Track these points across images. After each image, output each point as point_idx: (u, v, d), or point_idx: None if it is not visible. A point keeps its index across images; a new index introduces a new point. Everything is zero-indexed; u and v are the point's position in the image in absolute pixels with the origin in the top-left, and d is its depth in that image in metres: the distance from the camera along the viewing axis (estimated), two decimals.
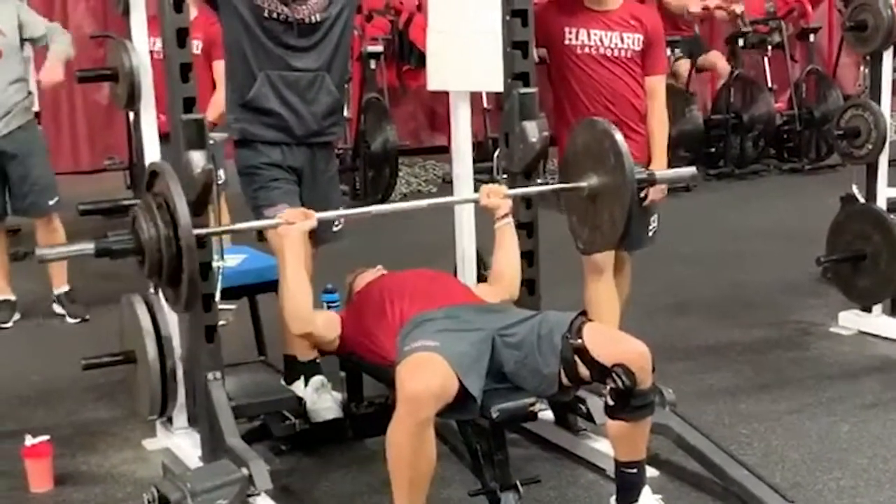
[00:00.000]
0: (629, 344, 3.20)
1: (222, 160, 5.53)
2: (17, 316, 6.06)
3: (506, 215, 3.78)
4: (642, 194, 4.48)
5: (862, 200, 5.39)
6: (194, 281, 3.21)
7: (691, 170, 4.04)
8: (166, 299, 3.45)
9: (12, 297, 6.08)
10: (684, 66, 9.68)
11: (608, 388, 3.15)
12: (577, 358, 3.19)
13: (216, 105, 5.82)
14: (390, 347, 3.37)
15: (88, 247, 3.27)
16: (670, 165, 4.59)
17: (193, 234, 3.16)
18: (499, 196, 3.75)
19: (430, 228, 4.82)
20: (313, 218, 3.50)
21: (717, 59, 10.01)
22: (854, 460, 3.94)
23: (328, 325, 3.65)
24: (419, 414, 2.99)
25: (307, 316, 3.55)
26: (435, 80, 4.27)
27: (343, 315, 3.73)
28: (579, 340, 3.19)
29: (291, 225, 3.47)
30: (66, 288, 6.12)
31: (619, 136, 3.50)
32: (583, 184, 3.62)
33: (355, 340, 3.61)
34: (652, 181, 3.73)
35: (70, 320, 5.99)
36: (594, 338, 3.20)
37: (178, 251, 3.17)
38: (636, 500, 3.35)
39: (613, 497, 3.42)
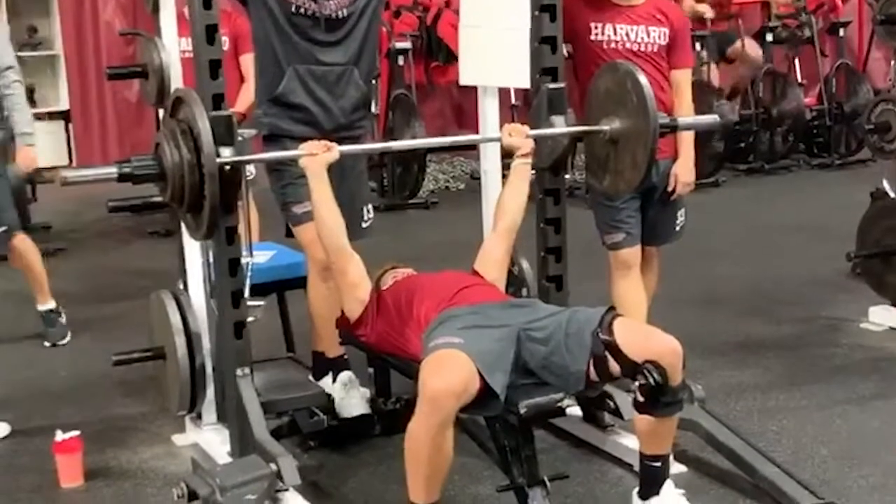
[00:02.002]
0: (661, 340, 3.18)
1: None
2: (66, 326, 5.71)
3: (526, 155, 3.78)
4: (670, 189, 4.48)
5: (893, 195, 5.35)
6: (216, 209, 3.20)
7: (713, 117, 4.04)
8: (186, 227, 3.44)
9: (54, 305, 5.68)
10: (714, 71, 9.60)
11: (637, 384, 3.13)
12: (607, 354, 3.18)
13: (246, 96, 5.85)
14: (418, 344, 3.36)
15: (111, 170, 3.27)
16: (698, 161, 4.57)
17: (217, 161, 3.17)
18: (521, 135, 3.76)
19: (458, 227, 4.82)
20: (335, 150, 3.55)
21: (751, 48, 9.83)
22: (885, 457, 3.91)
23: (362, 272, 3.68)
24: (440, 412, 2.98)
25: (342, 244, 3.61)
26: (466, 75, 4.27)
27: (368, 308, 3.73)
28: (610, 336, 3.17)
29: (314, 156, 3.52)
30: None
31: (642, 78, 3.51)
32: (604, 127, 3.62)
33: (382, 337, 3.61)
34: (674, 126, 3.73)
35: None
36: (625, 333, 3.18)
37: (201, 178, 3.17)
38: (657, 493, 3.35)
39: (636, 489, 3.42)
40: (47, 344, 5.60)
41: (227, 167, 3.29)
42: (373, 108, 5.33)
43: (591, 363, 3.21)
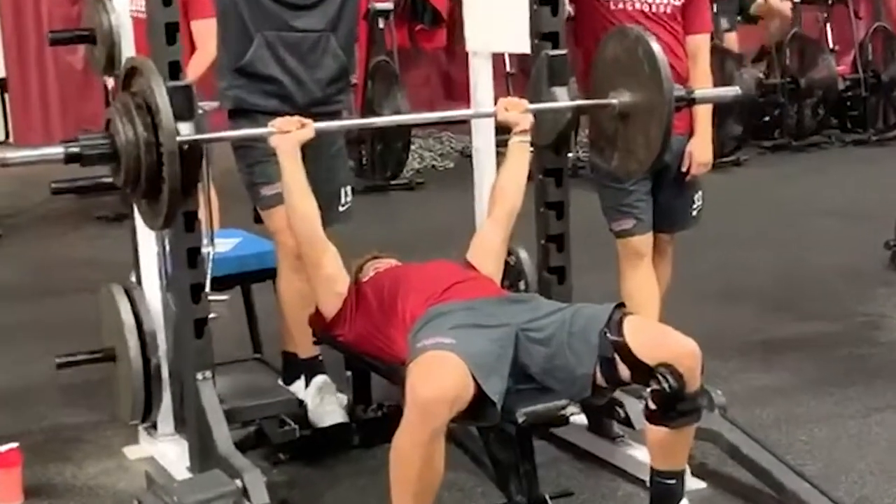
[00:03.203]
0: (677, 341, 3.19)
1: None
2: None
3: (523, 131, 3.78)
4: (684, 169, 4.48)
5: None
6: (176, 193, 3.18)
7: (734, 89, 4.03)
8: (142, 214, 3.42)
9: None
10: (733, 38, 9.60)
11: (650, 390, 3.14)
12: (617, 357, 3.18)
13: (195, 68, 5.82)
14: (403, 344, 3.36)
15: (57, 150, 3.24)
16: (716, 138, 4.57)
17: (177, 140, 3.16)
18: (518, 109, 3.76)
19: (448, 211, 4.82)
20: (309, 127, 3.53)
21: (780, 4, 9.74)
22: None
23: (339, 263, 3.67)
24: (431, 422, 2.98)
25: (317, 232, 3.60)
26: (471, 39, 4.28)
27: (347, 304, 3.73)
28: (620, 336, 3.17)
29: (287, 134, 3.50)
30: None
31: (655, 45, 3.50)
32: (612, 101, 3.62)
33: (362, 336, 3.60)
34: (691, 99, 3.72)
35: None
36: (637, 334, 3.18)
37: (159, 158, 3.16)
38: None
39: None
40: None
41: (187, 146, 3.28)
42: (352, 79, 5.31)
43: (597, 366, 3.21)
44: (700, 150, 4.48)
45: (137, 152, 3.18)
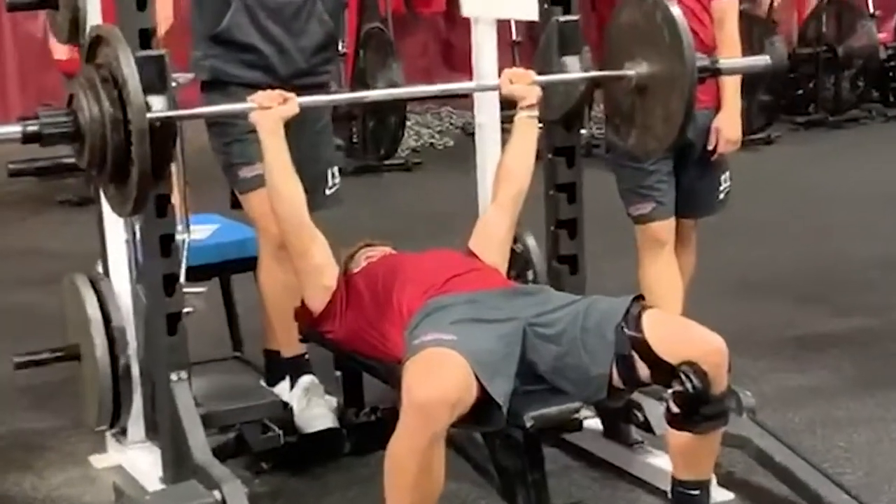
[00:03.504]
0: (702, 337, 3.19)
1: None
2: None
3: (531, 106, 3.78)
4: (710, 147, 4.48)
5: None
6: (146, 175, 3.16)
7: (764, 58, 4.02)
8: (109, 200, 3.42)
9: None
10: (764, 3, 9.59)
11: (672, 391, 3.14)
12: (635, 354, 3.18)
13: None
14: (399, 341, 3.36)
15: (14, 129, 3.23)
16: (746, 112, 4.56)
17: (147, 116, 3.14)
18: (525, 82, 3.75)
19: (448, 194, 4.82)
20: (293, 102, 3.52)
21: None
22: None
23: (327, 253, 3.66)
24: (429, 427, 2.98)
25: (302, 218, 3.59)
26: (467, 4, 4.27)
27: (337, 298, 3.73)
28: (638, 332, 3.17)
29: (267, 110, 3.49)
30: None
31: (675, 10, 3.50)
32: (629, 72, 3.62)
33: (354, 332, 3.60)
34: (716, 70, 3.72)
35: None
36: (657, 329, 3.18)
37: (128, 137, 3.15)
38: None
39: None
40: None
41: (159, 123, 3.27)
42: (340, 48, 5.30)
43: (614, 365, 3.22)
44: (728, 125, 4.48)
45: (103, 131, 3.17)
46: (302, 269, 3.68)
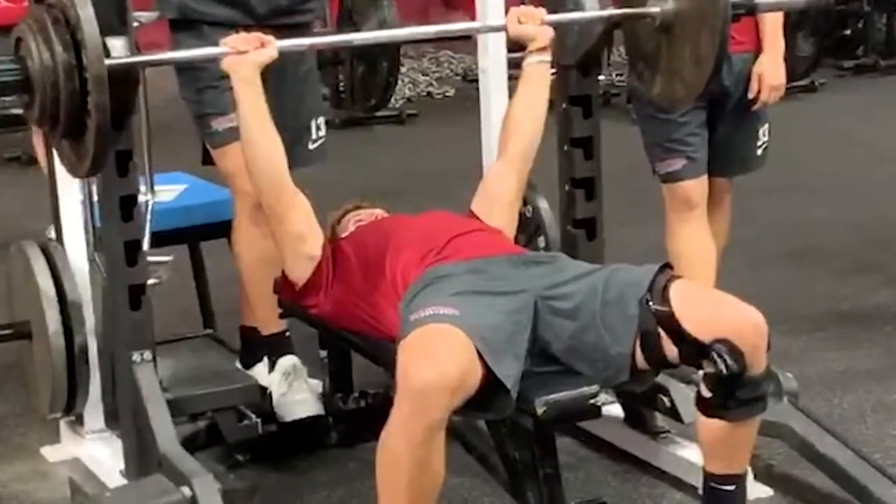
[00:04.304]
0: (737, 311, 3.17)
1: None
2: None
3: (542, 49, 3.77)
4: (751, 95, 4.47)
5: None
6: (104, 130, 3.14)
7: None
8: (62, 159, 3.42)
9: None
10: None
11: (703, 373, 3.14)
12: (661, 331, 3.18)
13: None
14: (393, 316, 3.36)
15: None
16: (789, 55, 4.56)
17: (105, 62, 3.11)
18: (535, 22, 3.74)
19: (447, 149, 4.82)
20: (271, 45, 3.49)
21: None
22: None
23: (310, 217, 3.65)
24: (427, 414, 2.97)
25: (281, 178, 3.57)
26: None
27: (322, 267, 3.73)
28: (665, 305, 3.17)
29: (242, 55, 3.47)
30: None
31: None
32: (653, 9, 3.61)
33: (342, 306, 3.60)
34: (752, 6, 3.70)
35: None
36: (687, 302, 3.17)
37: (83, 85, 3.14)
38: None
39: None
40: None
41: (120, 69, 3.26)
42: None
43: (637, 343, 3.22)
44: (771, 70, 4.47)
45: (56, 79, 3.16)
46: (282, 236, 3.67)
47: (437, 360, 3.00)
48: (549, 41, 3.76)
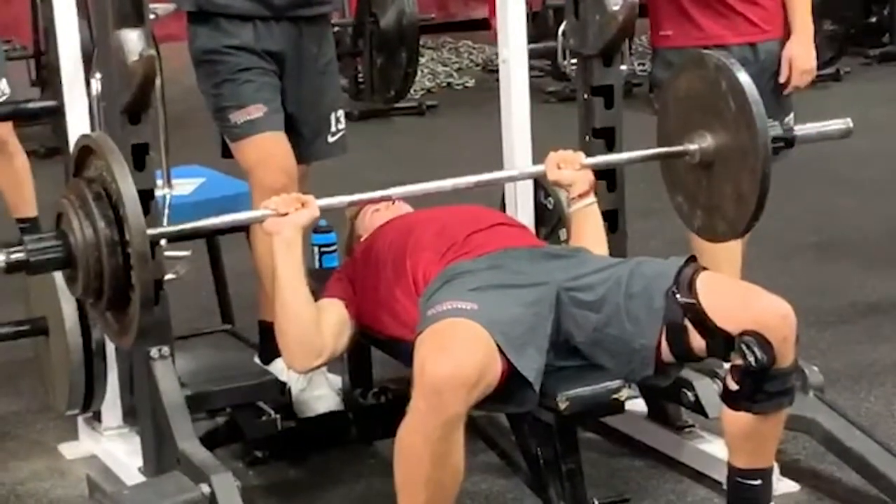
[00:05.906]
0: (766, 302, 3.17)
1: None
2: None
3: (585, 194, 3.72)
4: (782, 79, 4.48)
5: None
6: (148, 301, 3.20)
7: (846, 121, 4.01)
8: (105, 329, 3.47)
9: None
10: None
11: (730, 365, 3.13)
12: (687, 322, 3.17)
13: None
14: (413, 311, 3.37)
15: None
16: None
17: (147, 235, 3.16)
18: (573, 166, 3.70)
19: (467, 140, 4.81)
20: (312, 205, 3.42)
21: None
22: None
23: (339, 329, 3.60)
24: (445, 410, 2.97)
25: (309, 337, 3.52)
26: None
27: (344, 272, 3.72)
28: (692, 297, 3.17)
29: (283, 217, 3.42)
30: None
31: (741, 75, 3.46)
32: (691, 146, 3.60)
33: (363, 305, 3.61)
34: (791, 139, 3.72)
35: None
36: (714, 294, 3.18)
37: (126, 261, 3.17)
38: None
39: None
40: None
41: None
42: None
43: (663, 336, 3.22)
44: (801, 53, 4.47)
45: (98, 255, 3.19)
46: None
47: (453, 354, 3.01)
48: (590, 186, 3.72)
